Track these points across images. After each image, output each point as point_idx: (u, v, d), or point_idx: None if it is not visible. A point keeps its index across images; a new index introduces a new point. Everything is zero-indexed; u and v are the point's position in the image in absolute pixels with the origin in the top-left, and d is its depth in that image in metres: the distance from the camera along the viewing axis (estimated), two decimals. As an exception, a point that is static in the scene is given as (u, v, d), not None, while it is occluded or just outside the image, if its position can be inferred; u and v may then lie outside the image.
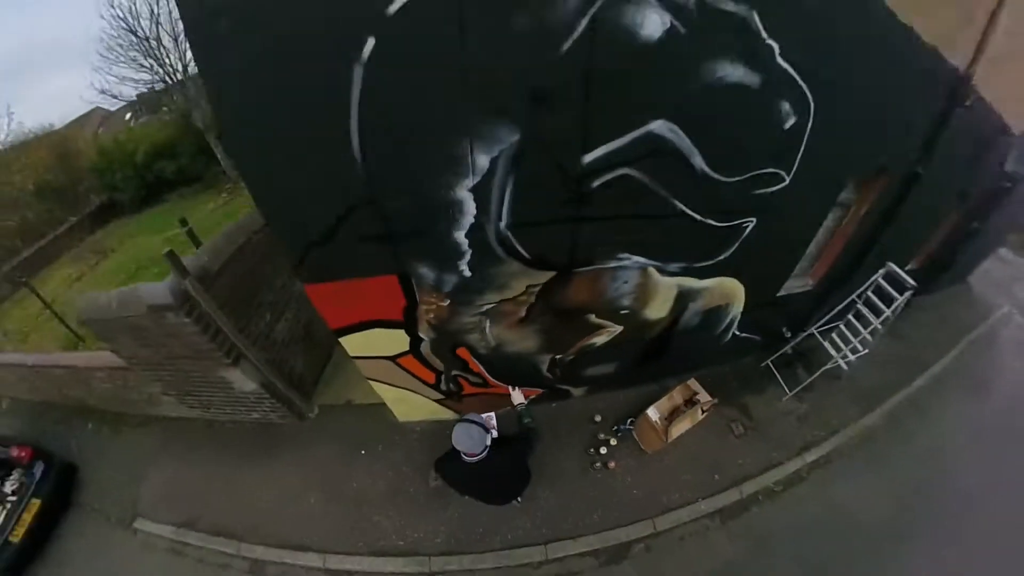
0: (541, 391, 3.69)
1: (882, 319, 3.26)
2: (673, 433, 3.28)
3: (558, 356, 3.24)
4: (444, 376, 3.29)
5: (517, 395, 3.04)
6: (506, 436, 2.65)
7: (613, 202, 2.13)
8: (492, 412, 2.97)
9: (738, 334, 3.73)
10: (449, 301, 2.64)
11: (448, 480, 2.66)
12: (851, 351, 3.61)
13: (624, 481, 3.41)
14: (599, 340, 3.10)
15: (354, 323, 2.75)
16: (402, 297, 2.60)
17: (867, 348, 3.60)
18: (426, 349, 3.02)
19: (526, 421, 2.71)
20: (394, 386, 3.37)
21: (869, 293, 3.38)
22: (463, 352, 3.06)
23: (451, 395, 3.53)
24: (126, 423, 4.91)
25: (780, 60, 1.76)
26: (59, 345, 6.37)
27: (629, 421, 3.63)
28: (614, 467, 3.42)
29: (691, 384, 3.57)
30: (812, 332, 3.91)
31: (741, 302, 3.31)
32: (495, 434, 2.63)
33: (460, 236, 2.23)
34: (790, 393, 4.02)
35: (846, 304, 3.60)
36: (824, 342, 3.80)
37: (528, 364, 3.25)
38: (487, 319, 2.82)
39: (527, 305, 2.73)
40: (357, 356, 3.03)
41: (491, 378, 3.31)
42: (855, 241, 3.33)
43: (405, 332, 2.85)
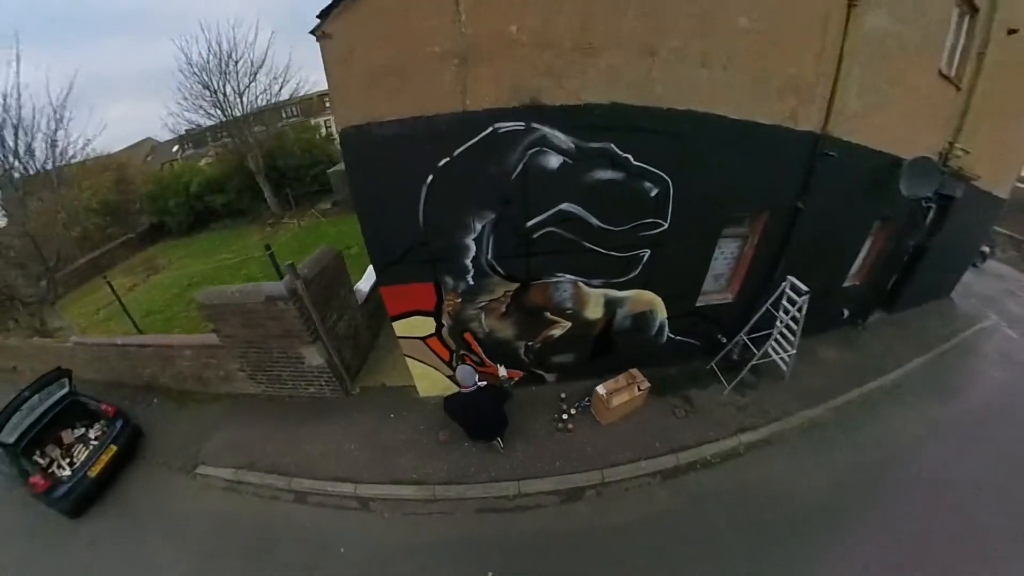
0: (522, 373, 5.25)
1: (790, 317, 4.78)
2: (614, 402, 4.75)
3: (529, 343, 4.91)
4: (455, 354, 4.89)
5: (502, 371, 4.65)
6: (491, 385, 4.26)
7: (546, 244, 4.12)
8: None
9: (674, 338, 5.34)
10: (460, 299, 4.44)
11: (448, 411, 4.26)
12: (781, 351, 5.04)
13: (581, 441, 4.82)
14: (556, 332, 4.83)
15: (404, 312, 4.53)
16: (434, 296, 4.41)
17: (792, 347, 5.02)
18: (445, 333, 4.71)
19: (506, 385, 4.30)
20: (421, 362, 4.99)
21: (784, 302, 4.85)
22: (468, 336, 4.77)
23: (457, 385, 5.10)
24: (191, 399, 6.28)
25: (635, 163, 3.72)
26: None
27: (587, 399, 5.12)
28: (573, 429, 4.88)
29: (633, 372, 5.12)
30: (742, 337, 5.38)
31: (663, 310, 5.01)
32: (483, 383, 4.27)
33: (467, 262, 4.19)
34: (729, 387, 5.39)
35: (767, 312, 5.08)
36: (750, 344, 5.23)
37: (510, 348, 4.93)
38: (482, 312, 4.58)
39: (505, 304, 4.53)
40: (402, 336, 4.74)
41: (486, 358, 4.90)
42: (760, 262, 5.05)
43: (434, 319, 4.59)
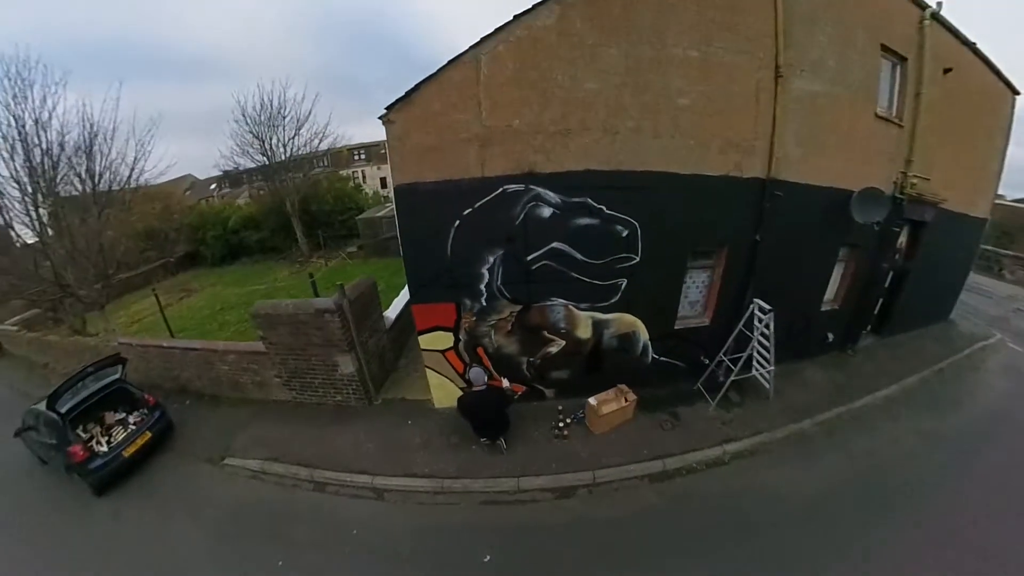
0: (525, 388, 6.11)
1: (759, 334, 5.64)
2: (603, 410, 5.53)
3: (530, 359, 5.87)
4: (468, 367, 5.86)
5: (506, 383, 5.60)
6: (497, 387, 5.23)
7: (542, 274, 5.33)
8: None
9: (659, 359, 6.19)
10: (475, 318, 5.56)
11: (461, 406, 5.23)
12: (760, 367, 5.84)
13: (575, 447, 5.58)
14: (553, 349, 5.81)
15: (429, 327, 5.71)
16: (454, 314, 5.56)
17: (770, 364, 5.79)
18: (461, 347, 5.76)
19: (509, 393, 5.26)
20: (439, 373, 6.00)
21: (755, 322, 5.69)
22: (480, 350, 5.80)
23: (469, 384, 6.04)
24: (223, 402, 7.29)
25: (608, 211, 4.93)
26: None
27: (581, 411, 5.92)
28: (568, 436, 5.67)
29: (621, 386, 5.94)
30: (722, 358, 6.17)
31: (645, 331, 5.94)
32: (488, 386, 5.25)
33: (482, 287, 5.41)
34: (714, 403, 6.09)
35: (743, 335, 5.93)
36: (731, 365, 5.98)
37: (514, 362, 5.92)
38: (492, 329, 5.63)
39: (511, 322, 5.62)
40: (425, 349, 5.85)
41: (494, 371, 5.84)
42: (729, 289, 6.07)
43: (453, 335, 5.69)
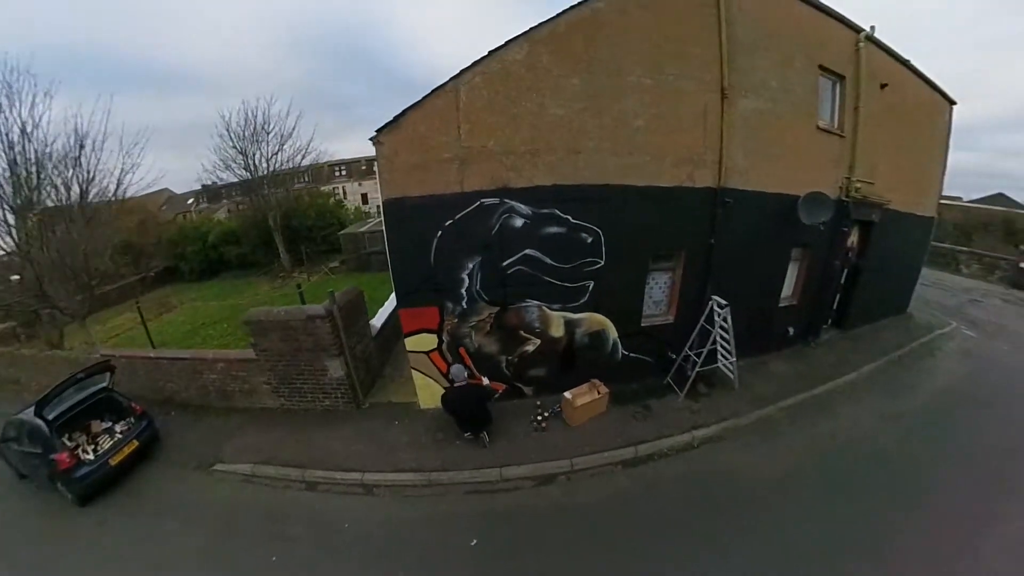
0: (505, 386, 6.72)
1: (718, 327, 6.40)
2: (578, 402, 6.18)
3: (509, 357, 6.51)
4: (451, 367, 6.44)
5: (485, 380, 6.23)
6: (477, 384, 5.84)
7: (517, 278, 6.05)
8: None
9: (628, 355, 6.88)
10: (457, 320, 6.19)
11: (445, 402, 5.81)
12: (723, 359, 6.60)
13: (553, 439, 6.20)
14: (529, 348, 6.47)
15: (415, 329, 6.33)
16: (438, 317, 6.19)
17: (732, 355, 6.54)
18: (444, 347, 6.36)
19: (488, 389, 5.88)
20: (424, 374, 6.57)
21: (715, 317, 6.46)
22: (462, 350, 6.42)
23: (451, 382, 6.62)
24: (209, 412, 7.56)
25: (573, 221, 5.72)
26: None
27: (558, 406, 6.56)
28: (547, 429, 6.29)
29: (594, 381, 6.62)
30: (688, 352, 6.92)
31: (613, 329, 6.67)
32: (469, 382, 5.87)
33: (462, 291, 6.09)
34: (683, 394, 6.79)
35: (705, 330, 6.71)
36: (696, 358, 6.73)
37: (494, 361, 6.55)
38: (473, 330, 6.25)
39: (490, 323, 6.29)
40: (411, 351, 6.45)
41: (475, 370, 6.44)
42: (689, 288, 6.88)
43: (437, 336, 6.29)
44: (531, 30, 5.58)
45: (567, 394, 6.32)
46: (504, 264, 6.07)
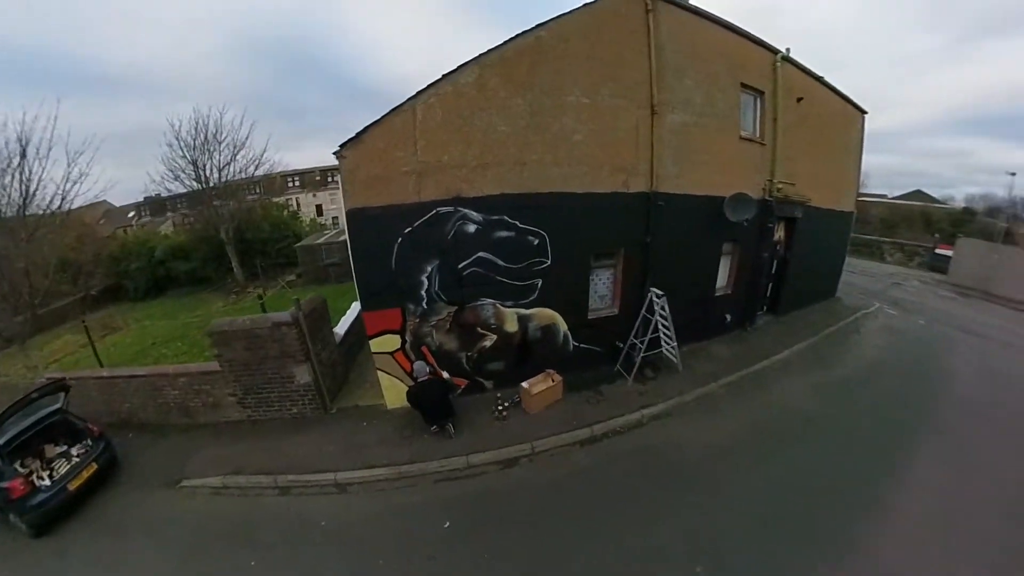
0: (467, 381, 7.41)
1: (658, 315, 7.37)
2: (534, 390, 6.98)
3: (468, 353, 7.25)
4: (413, 364, 7.06)
5: (445, 374, 6.91)
6: (439, 378, 6.53)
7: (472, 279, 6.91)
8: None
9: (579, 346, 7.76)
10: (418, 320, 6.85)
11: (410, 397, 6.45)
12: (666, 344, 7.59)
13: (514, 426, 6.96)
14: (487, 343, 7.24)
15: (378, 331, 6.91)
16: (400, 318, 6.81)
17: (672, 340, 7.55)
18: (407, 347, 6.97)
19: (449, 382, 6.59)
20: (389, 374, 7.13)
21: (655, 307, 7.45)
22: (424, 349, 7.08)
23: (415, 378, 7.24)
24: (170, 431, 7.59)
25: (521, 225, 6.64)
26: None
27: (516, 396, 7.34)
28: (507, 417, 7.04)
29: (549, 370, 7.46)
30: (633, 340, 7.88)
31: (563, 322, 7.54)
32: (431, 376, 6.55)
33: (422, 293, 6.84)
34: (631, 379, 7.73)
35: (646, 319, 7.70)
36: (640, 346, 7.71)
37: (455, 357, 7.26)
38: (434, 329, 6.96)
39: (449, 322, 7.02)
40: (376, 352, 7.01)
41: (437, 367, 7.10)
42: (630, 283, 7.87)
43: (400, 336, 6.89)
44: (481, 55, 6.44)
45: (524, 384, 7.11)
46: (460, 266, 6.85)
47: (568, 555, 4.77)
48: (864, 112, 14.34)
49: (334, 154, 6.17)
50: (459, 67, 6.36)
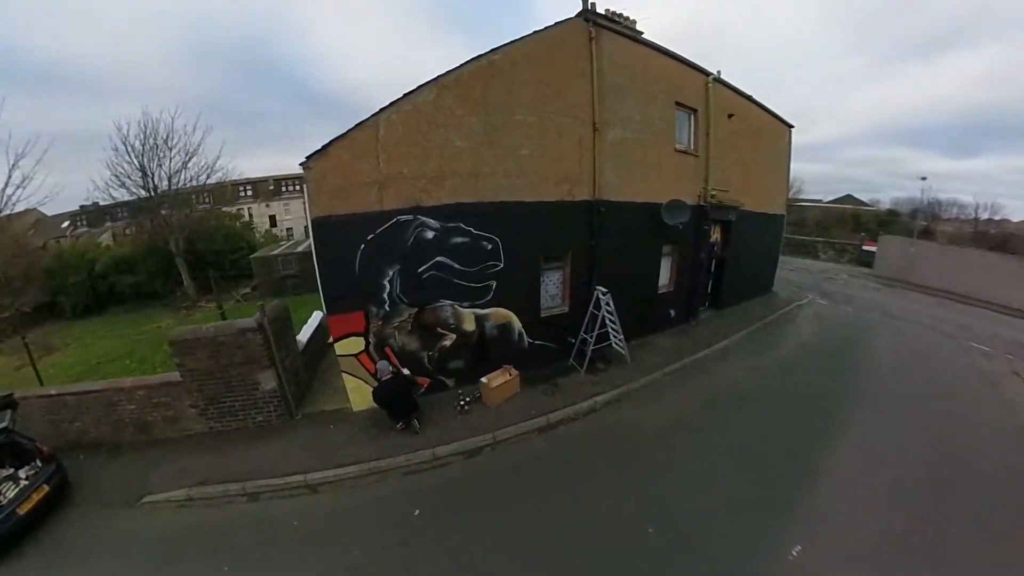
0: (429, 381, 8.01)
1: (604, 311, 8.24)
2: (493, 384, 7.69)
3: (430, 353, 7.88)
4: (377, 364, 7.56)
5: (406, 371, 7.49)
6: (401, 375, 7.12)
7: (431, 282, 7.64)
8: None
9: (534, 343, 8.54)
10: (381, 322, 7.42)
11: (376, 396, 7.00)
12: (614, 337, 8.48)
13: (476, 419, 7.60)
14: (447, 342, 7.90)
15: (343, 334, 7.37)
16: (364, 321, 7.32)
17: (619, 334, 8.45)
18: (371, 349, 7.47)
19: (411, 378, 7.18)
20: (354, 376, 7.58)
21: (601, 303, 8.34)
22: (388, 350, 7.61)
23: (379, 379, 7.74)
24: (125, 449, 7.38)
25: (476, 232, 7.49)
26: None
27: (477, 392, 8.02)
28: (469, 411, 7.69)
29: (506, 366, 8.20)
30: (583, 335, 8.76)
31: (517, 321, 8.32)
32: (393, 374, 7.11)
33: (384, 296, 7.43)
34: (583, 371, 8.58)
35: (592, 316, 8.60)
36: (590, 339, 8.60)
37: (417, 357, 7.86)
38: (396, 331, 7.52)
39: (410, 323, 7.64)
40: (341, 355, 7.45)
41: (398, 365, 7.65)
42: (578, 283, 8.76)
43: (364, 339, 7.38)
44: (439, 76, 7.20)
45: (484, 379, 7.82)
46: (420, 270, 7.52)
47: (530, 528, 5.34)
48: (791, 126, 16.32)
49: (300, 165, 6.67)
50: (419, 87, 7.07)
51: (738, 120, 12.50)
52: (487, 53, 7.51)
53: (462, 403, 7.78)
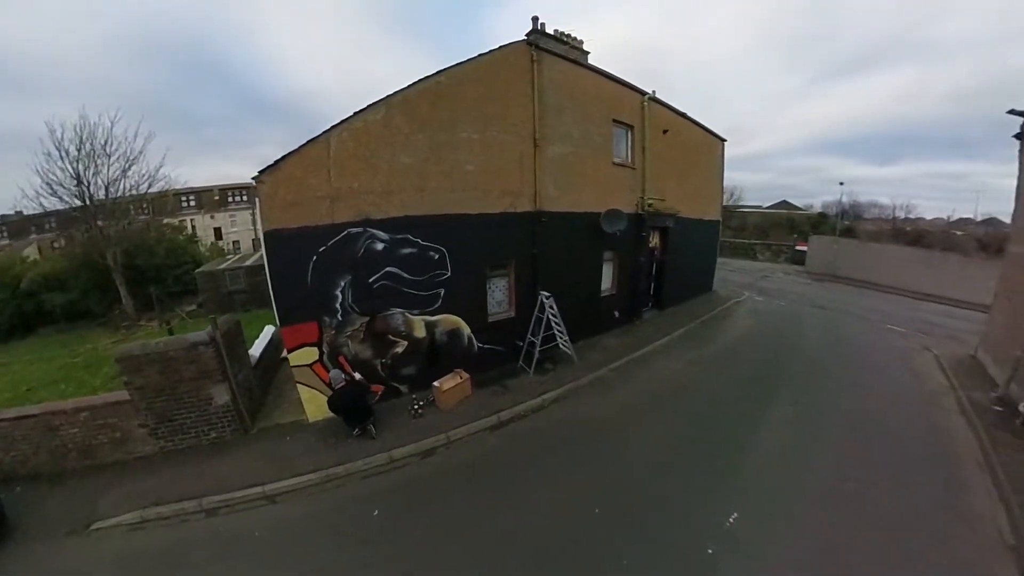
0: (383, 388, 8.44)
1: (549, 314, 8.97)
2: (445, 387, 8.25)
3: (383, 360, 8.32)
4: (330, 373, 7.90)
5: (358, 375, 7.89)
6: (354, 380, 7.51)
7: (382, 291, 8.14)
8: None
9: (483, 347, 9.16)
10: (334, 331, 7.82)
11: (331, 404, 7.37)
12: (560, 338, 9.20)
13: (430, 421, 8.11)
14: (399, 349, 8.39)
15: (297, 345, 7.69)
16: (317, 331, 7.69)
17: (565, 335, 9.19)
18: (325, 358, 7.82)
19: (364, 384, 7.59)
20: (309, 387, 7.88)
21: (546, 307, 9.08)
22: (342, 359, 7.99)
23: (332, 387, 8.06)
24: (69, 477, 7.07)
25: (423, 243, 8.17)
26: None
27: (430, 396, 8.52)
28: (423, 414, 8.19)
29: (457, 370, 8.78)
30: (530, 338, 9.45)
31: (466, 326, 8.94)
32: (347, 382, 7.50)
33: (336, 306, 7.86)
34: (532, 371, 9.26)
35: (539, 319, 9.31)
36: (536, 343, 9.31)
37: (370, 364, 8.28)
38: (349, 339, 7.93)
39: (363, 332, 8.10)
40: (295, 365, 7.75)
41: (351, 372, 8.04)
42: (523, 289, 9.52)
43: (317, 348, 7.72)
44: (388, 96, 7.75)
45: (436, 383, 8.38)
46: (370, 280, 7.96)
47: (485, 518, 5.81)
48: (723, 140, 18.04)
49: (253, 179, 6.98)
50: (369, 106, 7.59)
51: (673, 135, 13.82)
52: (434, 74, 8.15)
53: (416, 407, 8.25)
